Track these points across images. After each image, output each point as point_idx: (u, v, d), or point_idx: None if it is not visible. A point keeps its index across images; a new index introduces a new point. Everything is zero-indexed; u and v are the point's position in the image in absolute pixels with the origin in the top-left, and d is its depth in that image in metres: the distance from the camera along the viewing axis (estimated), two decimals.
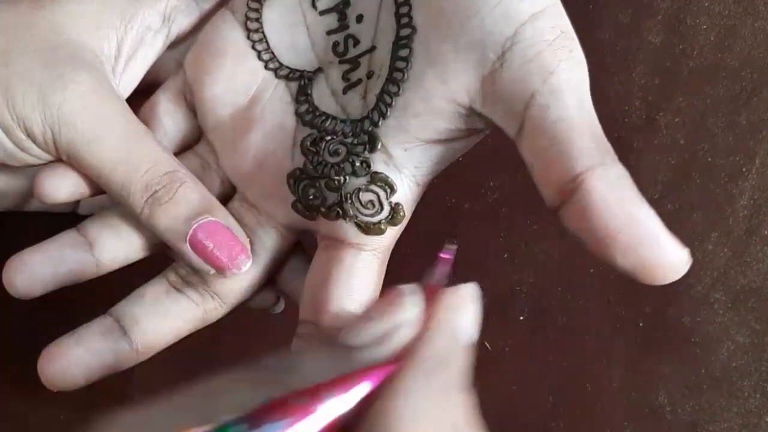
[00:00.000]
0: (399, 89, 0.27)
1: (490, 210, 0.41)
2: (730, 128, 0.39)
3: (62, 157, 0.29)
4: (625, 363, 0.40)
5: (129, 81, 0.31)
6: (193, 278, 0.31)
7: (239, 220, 0.30)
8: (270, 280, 0.33)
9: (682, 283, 0.39)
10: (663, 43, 0.39)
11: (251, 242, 0.30)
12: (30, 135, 0.28)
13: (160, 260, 0.31)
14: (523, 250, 0.41)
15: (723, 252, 0.39)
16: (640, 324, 0.40)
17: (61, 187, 0.29)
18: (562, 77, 0.25)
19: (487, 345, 0.41)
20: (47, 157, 0.29)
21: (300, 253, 0.33)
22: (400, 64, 0.27)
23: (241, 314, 0.32)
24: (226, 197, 0.32)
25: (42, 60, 0.28)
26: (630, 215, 0.23)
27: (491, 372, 0.41)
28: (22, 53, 0.28)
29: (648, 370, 0.40)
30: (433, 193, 0.42)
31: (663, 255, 0.23)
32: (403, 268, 0.42)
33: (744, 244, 0.39)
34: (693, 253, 0.39)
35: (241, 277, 0.30)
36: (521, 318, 0.41)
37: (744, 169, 0.39)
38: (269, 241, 0.31)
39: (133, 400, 0.42)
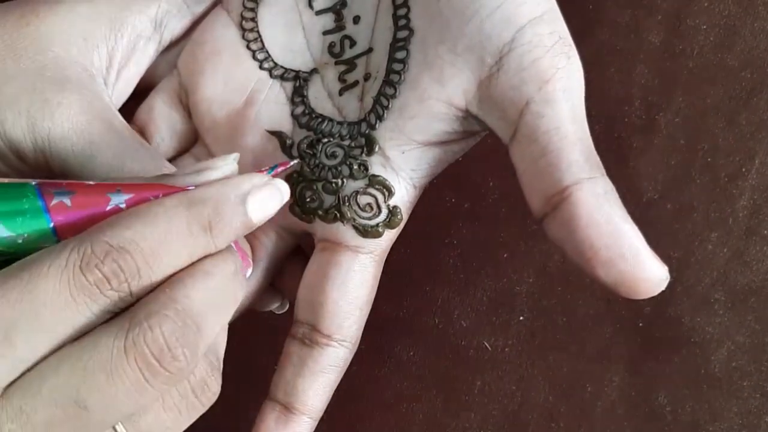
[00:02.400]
0: (396, 91, 0.27)
1: (490, 210, 0.41)
2: (730, 128, 0.39)
3: (57, 176, 0.29)
4: (625, 363, 0.40)
5: (122, 90, 0.31)
6: None
7: None
8: (270, 282, 0.33)
9: (682, 283, 0.39)
10: (663, 43, 0.39)
11: (253, 246, 0.30)
12: (23, 160, 0.28)
13: None
14: (524, 251, 0.41)
15: (723, 252, 0.39)
16: (640, 324, 0.40)
17: None
18: (558, 86, 0.25)
19: (487, 345, 0.41)
20: (41, 173, 0.29)
21: (300, 256, 0.33)
22: (397, 67, 0.27)
23: (240, 315, 0.32)
24: None
25: (29, 84, 0.27)
26: (613, 230, 0.24)
27: (491, 372, 0.41)
28: (9, 78, 0.27)
29: (648, 370, 0.40)
30: (433, 193, 0.41)
31: (643, 271, 0.24)
32: (403, 268, 0.42)
33: (744, 244, 0.39)
34: (693, 253, 0.39)
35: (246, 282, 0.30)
36: (521, 318, 0.41)
37: (744, 169, 0.39)
38: (270, 245, 0.31)
39: None
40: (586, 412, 0.40)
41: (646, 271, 0.24)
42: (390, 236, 0.29)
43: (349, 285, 0.29)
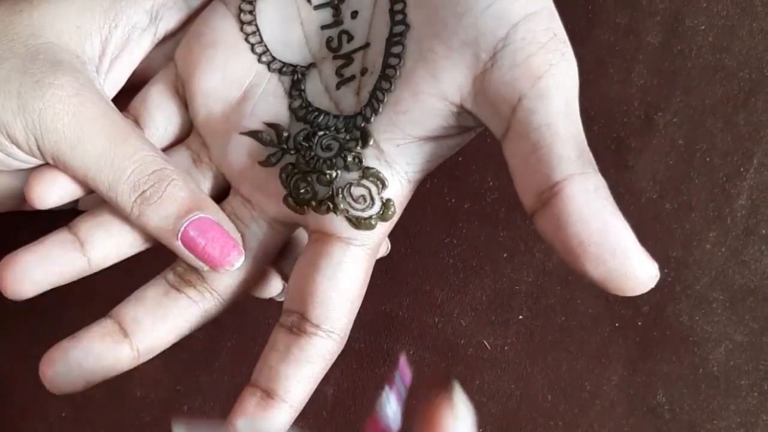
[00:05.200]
0: (391, 86, 0.27)
1: (490, 210, 0.41)
2: (728, 128, 0.39)
3: (48, 161, 0.29)
4: (623, 362, 0.40)
5: (115, 80, 0.31)
6: (191, 276, 0.31)
7: (235, 215, 0.31)
8: (277, 268, 0.33)
9: (680, 282, 0.40)
10: (661, 43, 0.40)
11: (244, 236, 0.30)
12: (14, 142, 0.28)
13: (159, 260, 0.31)
14: (523, 250, 0.41)
15: (721, 252, 0.39)
16: (639, 323, 0.40)
17: (51, 193, 0.29)
18: (551, 82, 0.25)
19: (487, 345, 0.41)
20: (34, 161, 0.29)
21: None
22: (393, 61, 0.28)
23: (240, 312, 0.32)
24: (220, 190, 0.32)
25: (21, 66, 0.28)
26: (603, 226, 0.24)
27: (491, 372, 0.41)
28: (0, 61, 0.28)
29: (647, 370, 0.40)
30: (433, 193, 0.42)
31: (633, 268, 0.23)
32: (403, 268, 0.42)
33: (742, 244, 0.39)
34: (691, 253, 0.39)
35: (236, 272, 0.30)
36: (520, 317, 0.41)
37: (742, 169, 0.39)
38: (262, 235, 0.31)
39: (134, 396, 0.42)
40: (584, 411, 0.41)
41: (636, 269, 0.23)
42: (383, 229, 0.29)
43: (340, 276, 0.29)
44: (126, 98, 0.32)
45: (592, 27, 0.40)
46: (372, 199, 0.28)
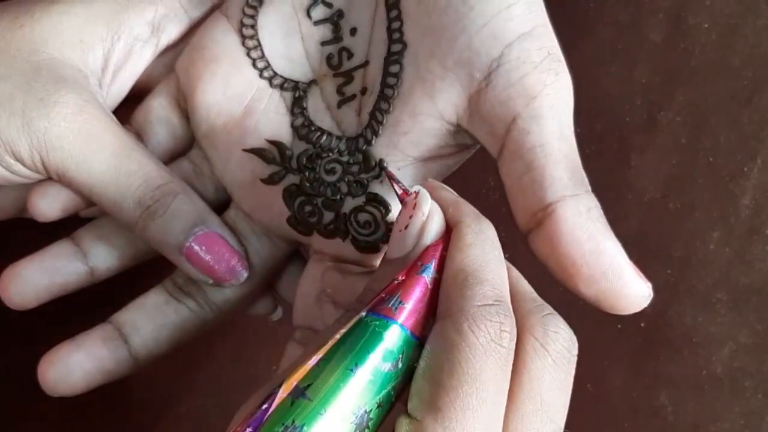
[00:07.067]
0: (390, 106, 0.27)
1: (491, 210, 0.41)
2: (731, 127, 0.39)
3: (53, 177, 0.29)
4: (626, 363, 0.40)
5: (117, 92, 0.31)
6: (191, 288, 0.31)
7: (234, 229, 0.30)
8: (269, 287, 0.32)
9: (683, 283, 0.39)
10: (664, 41, 0.39)
11: (246, 252, 0.30)
12: (18, 159, 0.28)
13: (160, 268, 0.31)
14: (523, 250, 0.41)
15: (725, 252, 0.39)
16: (642, 325, 0.40)
17: (54, 206, 0.30)
18: (545, 102, 0.25)
19: None
20: (38, 176, 0.29)
21: (299, 260, 0.32)
22: (391, 81, 0.27)
23: (239, 315, 0.32)
24: (220, 203, 0.31)
25: (24, 84, 0.28)
26: (596, 247, 0.24)
27: None
28: (3, 78, 0.27)
29: (649, 371, 0.40)
30: None
31: (625, 288, 0.24)
32: None
33: (746, 244, 0.39)
34: (694, 253, 0.39)
35: (237, 286, 0.30)
36: None
37: (746, 168, 0.39)
38: (264, 251, 0.31)
39: (133, 394, 0.42)
40: (587, 413, 0.40)
41: (628, 289, 0.24)
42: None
43: (348, 298, 0.28)
44: (126, 108, 0.32)
45: (594, 24, 0.40)
46: (377, 224, 0.28)
